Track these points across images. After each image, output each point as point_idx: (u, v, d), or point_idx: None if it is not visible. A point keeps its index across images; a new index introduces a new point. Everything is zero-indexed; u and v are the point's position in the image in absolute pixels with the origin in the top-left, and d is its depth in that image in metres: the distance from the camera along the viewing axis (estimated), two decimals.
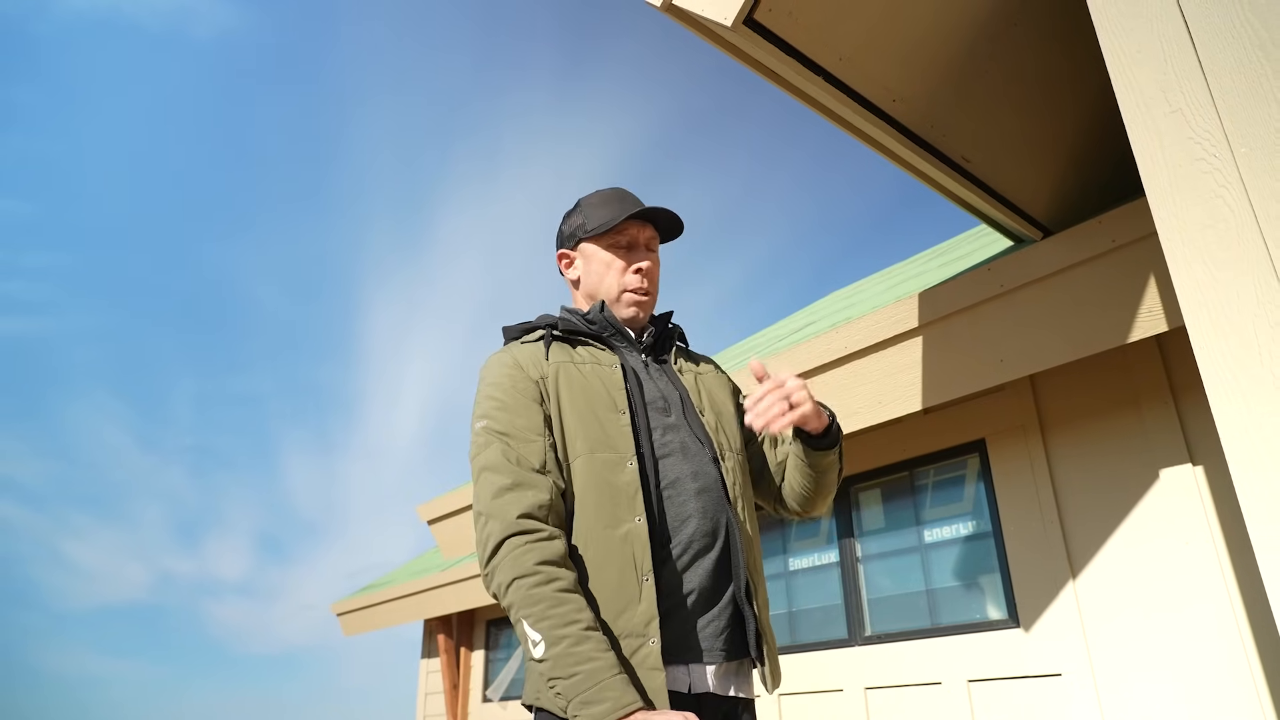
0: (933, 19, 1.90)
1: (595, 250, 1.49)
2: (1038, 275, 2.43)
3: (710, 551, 1.31)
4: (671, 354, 1.54)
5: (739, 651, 1.31)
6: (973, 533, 3.10)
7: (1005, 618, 2.91)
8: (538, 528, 1.23)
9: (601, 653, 1.13)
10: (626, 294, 1.47)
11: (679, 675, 1.25)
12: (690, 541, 1.30)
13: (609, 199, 1.51)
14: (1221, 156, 1.15)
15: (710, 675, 1.28)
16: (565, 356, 1.41)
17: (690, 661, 1.26)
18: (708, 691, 1.27)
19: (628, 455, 1.31)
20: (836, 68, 1.79)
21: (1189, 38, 1.21)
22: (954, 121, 2.14)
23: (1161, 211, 1.18)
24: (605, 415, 1.34)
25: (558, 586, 1.17)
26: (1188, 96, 1.19)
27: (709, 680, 1.28)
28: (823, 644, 3.42)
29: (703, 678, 1.27)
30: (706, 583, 1.29)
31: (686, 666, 1.26)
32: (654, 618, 1.22)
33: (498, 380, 1.36)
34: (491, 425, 1.32)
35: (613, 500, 1.28)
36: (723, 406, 1.51)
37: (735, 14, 1.57)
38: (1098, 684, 2.61)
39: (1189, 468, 2.54)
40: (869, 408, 2.88)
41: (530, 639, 1.15)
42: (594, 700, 1.09)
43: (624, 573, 1.24)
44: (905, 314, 2.76)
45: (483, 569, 1.25)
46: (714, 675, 1.29)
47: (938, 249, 5.51)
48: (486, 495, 1.27)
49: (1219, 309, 1.10)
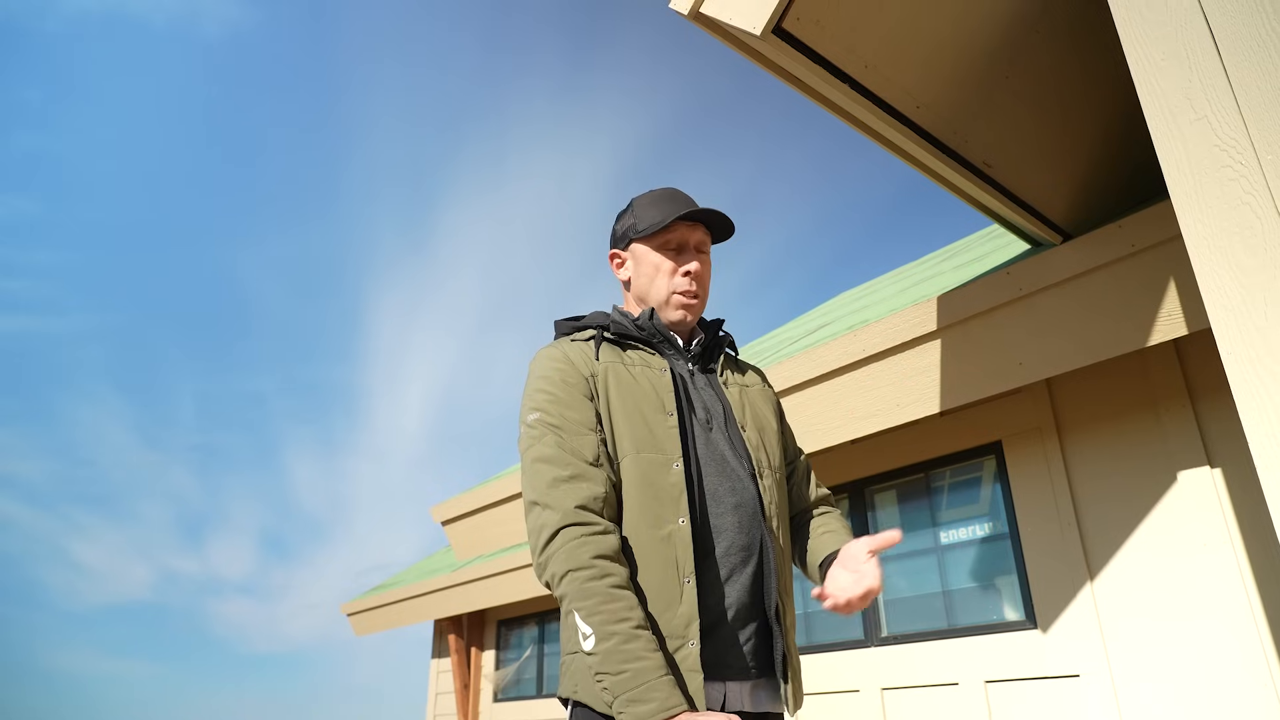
0: (955, 26, 1.92)
1: (645, 251, 1.48)
2: (1057, 279, 2.45)
3: (746, 567, 1.31)
4: (719, 364, 1.52)
5: (766, 669, 1.31)
6: (989, 534, 3.12)
7: (1022, 619, 2.93)
8: (594, 520, 1.23)
9: (650, 652, 1.14)
10: (675, 296, 1.45)
11: (713, 694, 1.25)
12: (726, 555, 1.30)
13: (660, 199, 1.49)
14: (1247, 163, 1.16)
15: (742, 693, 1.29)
16: (615, 357, 1.40)
17: (725, 679, 1.26)
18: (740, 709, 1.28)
19: (674, 457, 1.31)
20: (862, 75, 1.81)
21: (1214, 45, 1.22)
22: (976, 127, 2.15)
23: (1187, 218, 1.19)
24: (653, 417, 1.34)
25: (611, 582, 1.18)
26: (1213, 103, 1.20)
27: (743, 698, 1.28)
28: (839, 645, 3.44)
29: (737, 695, 1.28)
30: (744, 598, 1.29)
31: (723, 684, 1.26)
32: (694, 619, 1.22)
33: (549, 374, 1.36)
34: (545, 418, 1.31)
35: (657, 500, 1.28)
36: (765, 422, 1.49)
37: (765, 23, 1.59)
38: (1115, 685, 2.62)
39: (1207, 470, 2.55)
40: (886, 410, 2.90)
41: (582, 632, 1.16)
42: (640, 699, 1.10)
43: (666, 573, 1.24)
44: (924, 317, 2.77)
45: (536, 557, 1.25)
46: (746, 693, 1.29)
47: (950, 249, 5.52)
48: (542, 485, 1.26)
49: (1246, 315, 1.11)
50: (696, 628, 1.22)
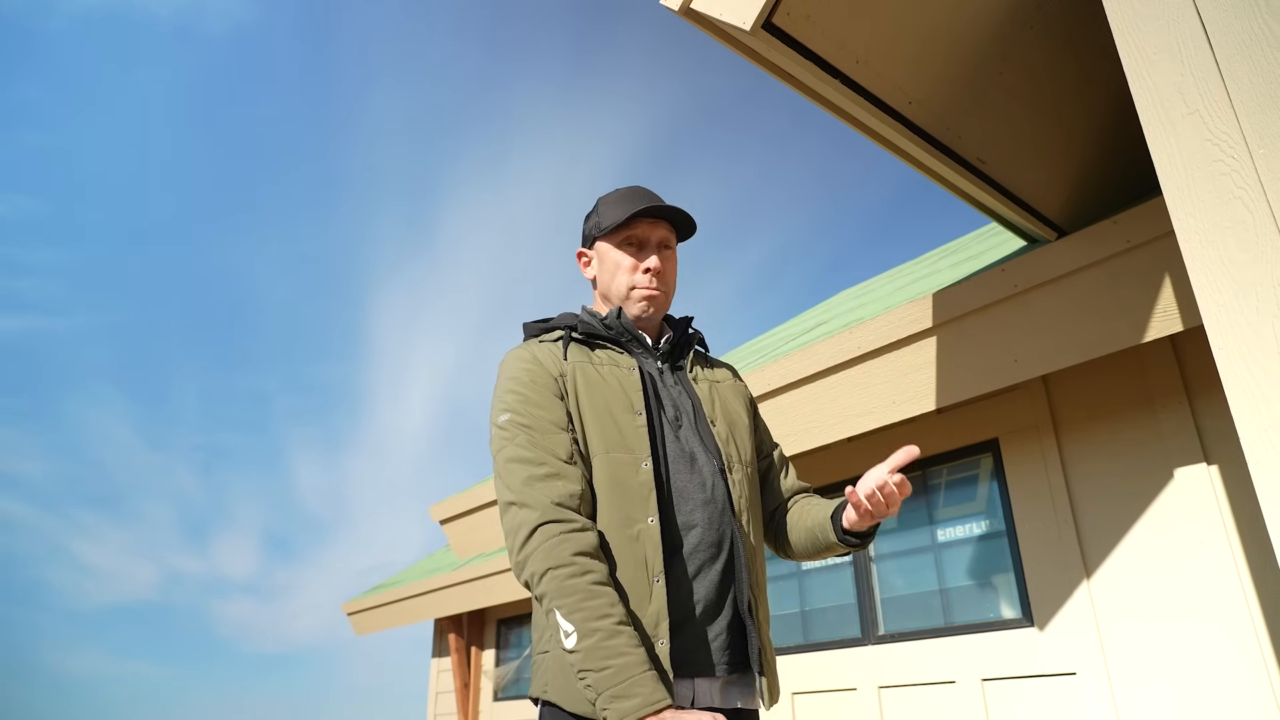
0: (947, 21, 1.91)
1: (608, 249, 1.49)
2: (1052, 276, 2.44)
3: (715, 564, 1.31)
4: (688, 360, 1.52)
5: (740, 664, 1.31)
6: (986, 532, 3.11)
7: (1019, 617, 2.92)
8: (572, 517, 1.22)
9: (633, 648, 1.14)
10: (634, 291, 1.46)
11: (682, 691, 1.24)
12: (694, 552, 1.30)
13: (623, 197, 1.50)
14: (1240, 158, 1.15)
15: (713, 689, 1.28)
16: (583, 357, 1.41)
17: (695, 675, 1.26)
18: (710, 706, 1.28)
19: (642, 456, 1.31)
20: (853, 71, 1.80)
21: (1206, 39, 1.21)
22: (969, 123, 2.14)
23: (1179, 213, 1.19)
24: (622, 416, 1.34)
25: (592, 579, 1.17)
26: (1205, 98, 1.19)
27: (712, 695, 1.28)
28: (836, 643, 3.43)
29: (706, 692, 1.27)
30: (712, 594, 1.29)
31: (691, 681, 1.26)
32: (664, 618, 1.22)
33: (518, 375, 1.36)
34: (516, 418, 1.32)
35: (626, 500, 1.28)
36: (736, 417, 1.49)
37: (754, 18, 1.58)
38: (1112, 683, 2.61)
39: (1204, 467, 2.55)
40: (883, 407, 2.89)
41: (563, 629, 1.16)
42: (624, 695, 1.10)
43: (636, 572, 1.24)
44: (919, 314, 2.76)
45: (514, 557, 1.24)
46: (717, 689, 1.29)
47: (948, 247, 5.51)
48: (518, 483, 1.26)
49: (1237, 310, 1.10)
50: (666, 627, 1.22)
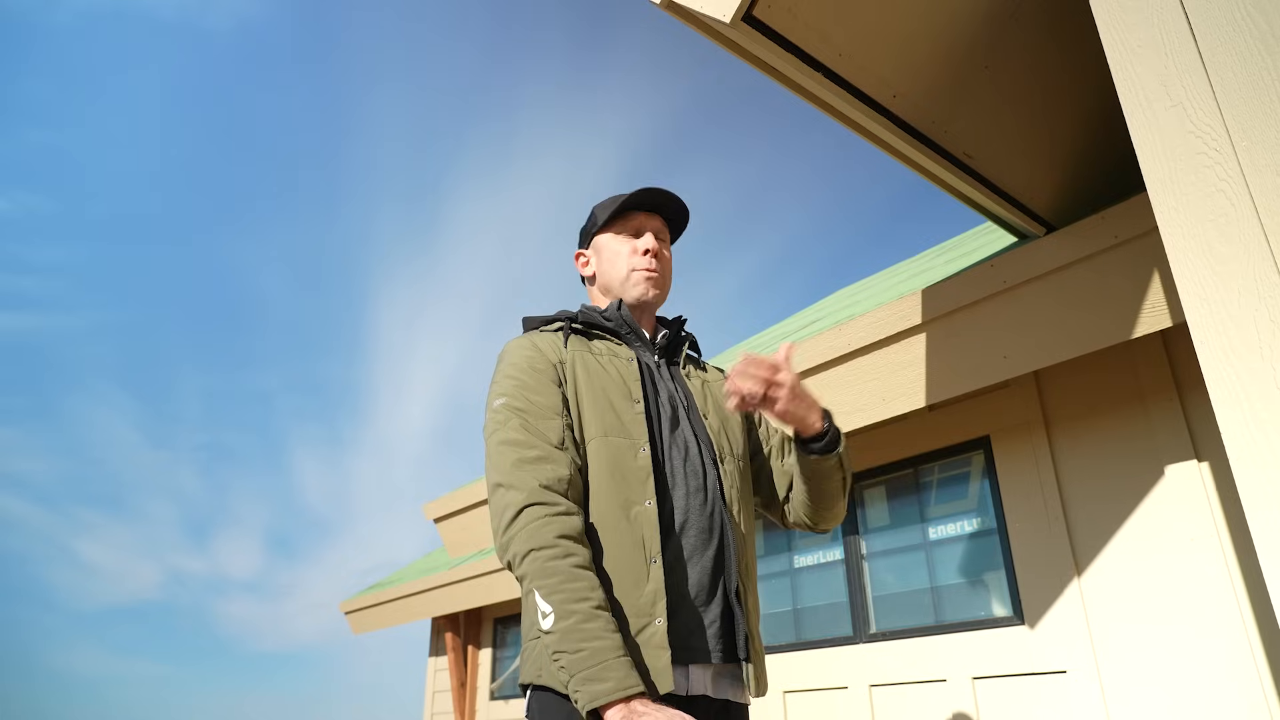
0: (931, 14, 1.89)
1: (607, 241, 1.55)
2: (1041, 271, 2.42)
3: (707, 549, 1.32)
4: (682, 359, 1.57)
5: (731, 654, 1.32)
6: (977, 530, 3.10)
7: (1010, 615, 2.91)
8: (557, 500, 1.23)
9: (609, 633, 1.14)
10: (634, 274, 1.50)
11: (677, 677, 1.25)
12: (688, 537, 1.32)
13: (616, 198, 1.56)
14: (1223, 151, 1.14)
15: (706, 677, 1.29)
16: (583, 347, 1.44)
17: (688, 663, 1.26)
18: (703, 694, 1.28)
19: (641, 442, 1.33)
20: (836, 63, 1.79)
21: (1190, 31, 1.20)
22: (955, 117, 2.13)
23: (1162, 206, 1.18)
24: (620, 403, 1.37)
25: (573, 562, 1.18)
26: (1188, 90, 1.18)
27: (705, 683, 1.28)
28: (827, 641, 3.42)
29: (699, 679, 1.28)
30: (705, 580, 1.30)
31: (686, 668, 1.26)
32: (661, 598, 1.23)
33: (517, 361, 1.39)
34: (510, 402, 1.33)
35: (625, 483, 1.30)
36: (726, 413, 1.53)
37: (734, 10, 1.57)
38: (1103, 680, 2.60)
39: (1194, 464, 2.53)
40: (873, 405, 2.88)
41: (541, 610, 1.16)
42: (596, 679, 1.10)
43: (634, 553, 1.26)
44: (908, 310, 2.75)
45: (498, 538, 1.25)
46: (709, 677, 1.29)
47: (942, 246, 5.50)
48: (506, 465, 1.27)
49: (1220, 304, 1.09)
50: (663, 606, 1.23)
